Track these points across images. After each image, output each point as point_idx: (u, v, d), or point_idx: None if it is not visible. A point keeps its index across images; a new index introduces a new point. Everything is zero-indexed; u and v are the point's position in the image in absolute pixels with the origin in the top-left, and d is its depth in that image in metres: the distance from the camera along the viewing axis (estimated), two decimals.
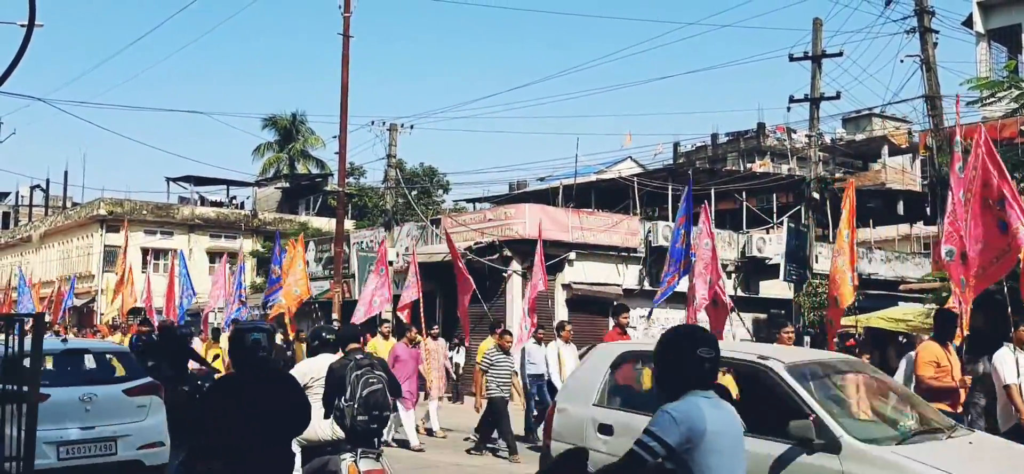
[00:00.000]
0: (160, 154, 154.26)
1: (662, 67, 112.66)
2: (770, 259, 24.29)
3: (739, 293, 23.53)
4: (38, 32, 7.82)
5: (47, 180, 66.99)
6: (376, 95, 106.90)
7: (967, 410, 8.10)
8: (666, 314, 18.66)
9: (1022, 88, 13.28)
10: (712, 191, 27.48)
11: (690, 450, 3.34)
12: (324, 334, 7.54)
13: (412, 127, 28.87)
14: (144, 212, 41.06)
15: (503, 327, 13.58)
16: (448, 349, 19.05)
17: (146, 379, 9.49)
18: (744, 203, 29.09)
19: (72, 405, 8.52)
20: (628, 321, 11.71)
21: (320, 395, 6.50)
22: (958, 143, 9.28)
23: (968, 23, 22.99)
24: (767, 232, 26.72)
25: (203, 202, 47.15)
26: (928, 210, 22.79)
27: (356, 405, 6.18)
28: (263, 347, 5.06)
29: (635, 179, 29.61)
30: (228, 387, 5.30)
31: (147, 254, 39.74)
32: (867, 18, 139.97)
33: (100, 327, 25.12)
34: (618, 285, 22.78)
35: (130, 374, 9.62)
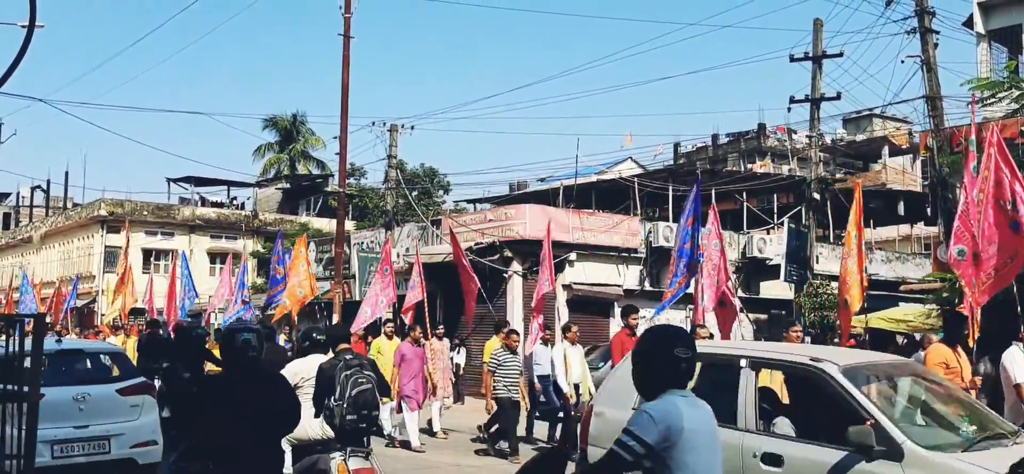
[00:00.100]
0: (161, 155, 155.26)
1: (663, 68, 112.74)
2: (771, 260, 24.32)
3: (740, 294, 23.51)
4: (39, 33, 7.83)
5: (48, 181, 66.99)
6: (376, 96, 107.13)
7: None
8: (666, 315, 18.61)
9: (1022, 89, 13.25)
10: (713, 192, 27.44)
11: (668, 448, 3.41)
12: (314, 335, 7.68)
13: (412, 128, 29.00)
14: (145, 213, 41.07)
15: (509, 326, 13.52)
16: (449, 349, 19.01)
17: (139, 379, 9.69)
18: (745, 204, 29.08)
19: (66, 404, 8.66)
20: (637, 322, 11.56)
21: (310, 395, 6.62)
22: (973, 141, 9.22)
23: (968, 24, 22.95)
24: (768, 233, 26.73)
25: (204, 203, 47.20)
26: (928, 211, 22.72)
27: (345, 404, 6.30)
28: (253, 347, 5.09)
29: (635, 180, 29.59)
30: (218, 387, 5.33)
31: (148, 255, 39.80)
32: (867, 19, 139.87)
33: (101, 327, 25.11)
34: (618, 286, 22.79)
35: (123, 374, 9.85)
